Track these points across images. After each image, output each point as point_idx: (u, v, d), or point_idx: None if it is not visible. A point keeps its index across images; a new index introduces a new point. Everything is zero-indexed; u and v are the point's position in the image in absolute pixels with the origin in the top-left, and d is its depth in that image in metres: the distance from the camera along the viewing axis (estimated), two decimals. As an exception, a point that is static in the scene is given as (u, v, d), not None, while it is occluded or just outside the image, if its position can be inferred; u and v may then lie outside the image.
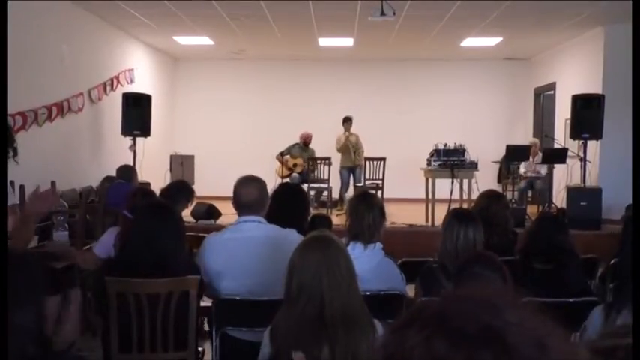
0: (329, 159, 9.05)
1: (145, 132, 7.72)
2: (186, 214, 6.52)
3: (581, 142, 7.39)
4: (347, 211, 2.93)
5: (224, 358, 2.69)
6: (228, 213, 7.22)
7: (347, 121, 9.27)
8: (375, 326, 1.77)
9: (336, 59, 10.89)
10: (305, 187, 8.71)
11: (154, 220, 2.57)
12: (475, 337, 0.59)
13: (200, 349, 2.90)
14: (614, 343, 0.91)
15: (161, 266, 2.53)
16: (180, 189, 4.15)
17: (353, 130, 9.33)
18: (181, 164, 9.47)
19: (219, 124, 11.09)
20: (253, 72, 11.16)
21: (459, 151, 7.69)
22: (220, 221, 6.90)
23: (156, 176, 8.04)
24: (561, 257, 2.80)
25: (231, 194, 2.89)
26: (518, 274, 2.70)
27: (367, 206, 2.74)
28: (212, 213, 7.13)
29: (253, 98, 11.17)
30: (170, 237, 2.56)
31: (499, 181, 10.05)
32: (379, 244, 2.72)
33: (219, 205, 7.41)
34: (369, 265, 2.49)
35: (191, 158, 9.93)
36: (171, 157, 9.77)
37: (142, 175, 6.97)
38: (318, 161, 9.11)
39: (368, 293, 2.33)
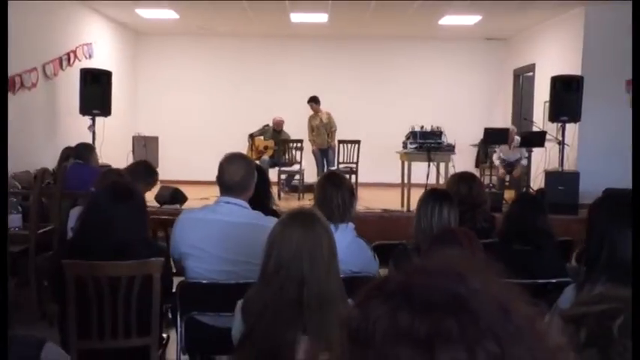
0: (301, 141, 9.05)
1: (105, 111, 7.58)
2: (150, 199, 6.47)
3: (559, 124, 7.53)
4: (315, 192, 2.93)
5: (190, 344, 2.68)
6: (194, 197, 7.21)
7: (312, 100, 9.27)
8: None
9: (309, 36, 10.83)
10: (276, 170, 8.76)
11: (114, 201, 2.54)
12: (439, 305, 0.60)
13: (165, 335, 2.89)
14: (584, 311, 0.94)
15: (120, 249, 2.50)
16: (142, 169, 4.10)
17: (326, 108, 9.35)
18: (144, 146, 9.35)
19: (185, 104, 10.95)
20: (222, 49, 11.02)
21: (436, 134, 7.76)
22: (186, 206, 6.84)
23: (117, 158, 7.92)
24: (540, 239, 2.87)
25: (198, 178, 2.87)
26: (497, 257, 2.76)
27: (335, 187, 2.75)
28: (177, 197, 7.07)
29: (222, 77, 11.05)
30: (131, 219, 2.53)
31: (477, 165, 10.19)
32: (351, 225, 2.74)
33: (185, 189, 7.35)
34: (340, 245, 2.48)
35: (155, 139, 9.81)
36: (134, 138, 9.63)
37: (102, 157, 6.86)
38: (290, 144, 9.10)
39: (341, 275, 2.35)
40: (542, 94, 8.76)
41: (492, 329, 0.60)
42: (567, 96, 7.34)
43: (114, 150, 8.26)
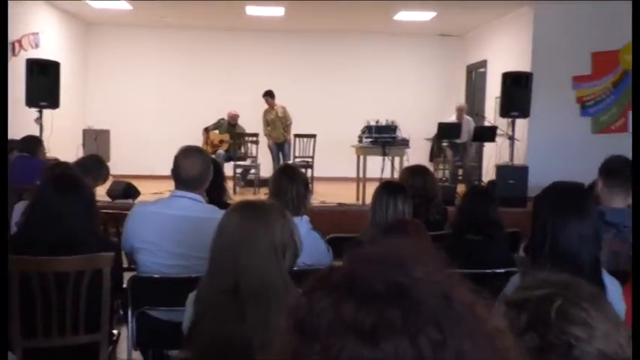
0: (256, 135, 9.00)
1: (53, 103, 7.34)
2: (102, 193, 6.32)
3: (510, 120, 7.73)
4: (269, 185, 2.92)
5: (142, 339, 2.64)
6: (147, 192, 7.08)
7: (267, 95, 9.24)
8: None
9: (265, 30, 10.76)
10: (231, 164, 8.69)
11: (59, 194, 2.46)
12: (383, 295, 0.61)
13: (115, 331, 2.84)
14: (525, 296, 0.97)
15: (68, 244, 2.43)
16: (93, 164, 4.01)
17: (281, 102, 9.33)
18: (95, 139, 9.11)
19: (138, 97, 10.73)
20: (176, 41, 10.84)
21: (391, 128, 7.85)
22: (139, 200, 6.72)
23: (66, 152, 7.69)
24: (491, 229, 2.95)
25: (151, 172, 2.81)
26: (451, 248, 2.82)
27: (290, 180, 2.75)
28: (130, 192, 6.94)
29: (176, 70, 10.87)
30: (77, 212, 2.46)
31: (431, 159, 10.35)
32: (306, 218, 2.74)
33: (138, 184, 7.22)
34: (294, 238, 2.51)
35: (106, 133, 9.57)
36: (84, 131, 9.38)
37: (51, 151, 6.65)
38: (246, 138, 9.04)
39: (295, 268, 2.35)
40: (493, 89, 8.97)
41: (434, 316, 0.61)
42: (517, 92, 7.52)
43: (63, 143, 8.02)
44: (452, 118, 9.07)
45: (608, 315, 0.95)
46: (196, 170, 2.70)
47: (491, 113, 9.11)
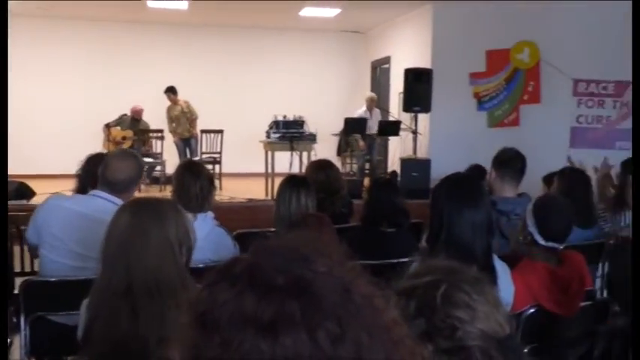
0: (161, 131, 8.75)
1: None
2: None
3: (412, 114, 8.01)
4: (173, 181, 2.87)
5: (37, 346, 2.50)
6: (43, 192, 6.69)
7: (169, 91, 9.02)
8: None
9: (169, 23, 10.47)
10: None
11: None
12: (283, 289, 0.61)
13: (9, 340, 2.67)
14: (413, 284, 1.02)
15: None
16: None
17: (185, 97, 9.13)
18: (-16, 137, 8.49)
19: (33, 92, 10.07)
20: (74, 34, 10.28)
21: (298, 123, 7.91)
22: (34, 201, 6.35)
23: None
24: (400, 219, 3.05)
25: (48, 171, 2.66)
26: (362, 240, 2.89)
27: (193, 175, 2.71)
28: (23, 192, 6.55)
29: (75, 64, 10.32)
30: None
31: (339, 154, 10.53)
32: (210, 214, 2.72)
33: (33, 184, 6.82)
34: (199, 234, 2.45)
35: (-4, 130, 8.94)
36: (-29, 128, 8.71)
37: None
38: (150, 134, 8.77)
39: (201, 266, 2.32)
40: (397, 85, 9.24)
41: (334, 310, 0.62)
42: (419, 88, 7.81)
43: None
44: (362, 109, 9.25)
45: (489, 297, 1.02)
46: (125, 174, 2.62)
47: (395, 108, 9.39)
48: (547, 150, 6.94)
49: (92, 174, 2.78)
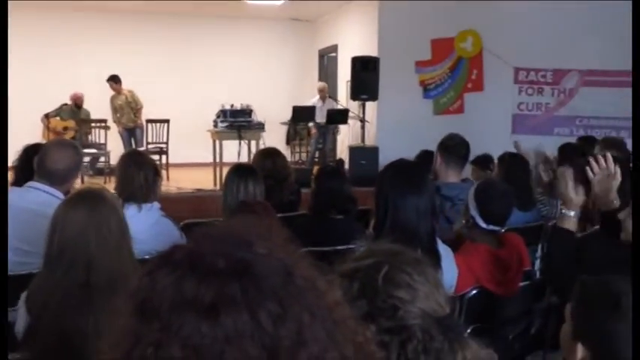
0: (105, 121, 8.52)
1: None
2: None
3: (360, 103, 8.07)
4: (115, 172, 2.81)
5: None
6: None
7: (111, 79, 8.78)
8: None
9: (112, 10, 10.16)
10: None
11: None
12: (224, 271, 0.62)
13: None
14: (355, 266, 1.05)
15: None
16: None
17: (131, 87, 8.91)
18: None
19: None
20: (9, 21, 9.82)
21: (246, 112, 7.85)
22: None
23: None
24: (348, 205, 3.09)
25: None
26: (312, 227, 2.91)
27: (137, 166, 2.66)
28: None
29: (10, 53, 9.86)
30: None
31: (288, 143, 10.52)
32: (156, 204, 2.68)
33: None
34: (144, 225, 2.44)
35: None
36: None
37: None
38: (93, 124, 8.52)
39: (147, 257, 2.28)
40: (344, 74, 9.28)
41: (275, 291, 0.63)
42: (366, 76, 7.87)
43: None
44: (315, 98, 9.25)
45: (429, 278, 1.05)
46: (63, 164, 2.55)
47: (343, 96, 9.44)
48: (490, 136, 7.13)
49: (30, 165, 2.70)
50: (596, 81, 8.23)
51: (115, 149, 8.75)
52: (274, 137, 8.93)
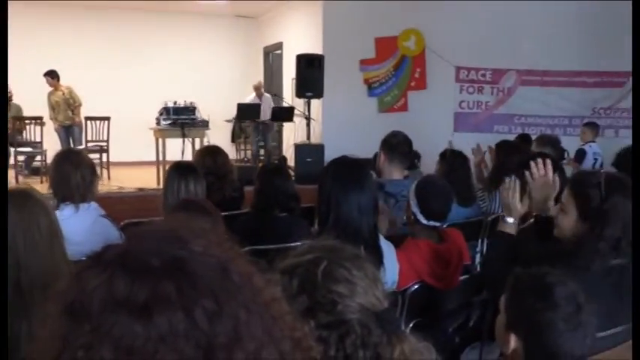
0: (40, 118, 8.22)
1: None
2: None
3: (305, 100, 8.09)
4: (50, 172, 2.72)
5: None
6: None
7: (48, 75, 8.48)
8: None
9: (51, 2, 9.80)
10: (12, 150, 7.82)
11: None
12: (157, 270, 0.61)
13: None
14: (295, 262, 1.05)
15: None
16: None
17: (70, 82, 8.62)
18: None
19: None
20: None
21: (190, 109, 7.74)
22: None
23: None
24: (291, 203, 3.08)
25: None
26: (257, 225, 2.90)
27: (73, 165, 2.58)
28: None
29: None
30: None
31: (233, 140, 10.44)
32: (94, 204, 2.61)
33: None
34: (81, 226, 2.37)
35: None
36: None
37: None
38: (27, 121, 8.20)
39: (84, 259, 2.22)
40: (289, 71, 9.28)
41: (211, 288, 0.62)
42: (311, 73, 7.89)
43: None
44: (251, 96, 9.22)
45: (368, 272, 1.07)
46: None
47: (288, 94, 9.44)
48: (433, 134, 7.30)
49: None
50: (533, 80, 8.55)
51: (52, 148, 8.45)
52: (219, 135, 8.84)
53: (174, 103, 7.78)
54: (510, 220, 2.24)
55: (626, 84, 8.25)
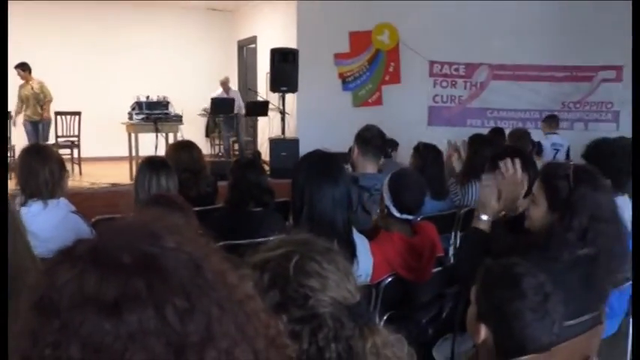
0: (9, 112, 8.03)
1: None
2: None
3: (280, 94, 8.07)
4: (17, 168, 2.66)
5: None
6: None
7: (19, 67, 8.29)
8: None
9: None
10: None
11: None
12: (128, 266, 0.60)
13: None
14: (266, 257, 1.05)
15: None
16: None
17: (38, 76, 8.44)
18: None
19: None
20: None
21: (163, 104, 7.66)
22: None
23: None
24: (266, 197, 3.07)
25: None
26: (231, 220, 2.88)
27: (41, 160, 2.53)
28: None
29: None
30: None
31: (207, 135, 10.36)
32: (63, 200, 2.56)
33: None
34: (50, 222, 2.33)
35: None
36: None
37: None
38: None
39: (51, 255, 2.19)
40: (264, 65, 9.24)
41: (183, 286, 0.61)
42: (285, 68, 7.87)
43: None
44: (218, 91, 9.16)
45: (339, 266, 1.07)
46: None
47: (263, 88, 9.39)
48: (408, 128, 7.35)
49: None
50: (505, 75, 8.66)
51: (20, 143, 8.28)
52: (193, 130, 8.77)
53: (147, 97, 7.69)
54: (484, 217, 2.26)
55: (595, 78, 8.42)
